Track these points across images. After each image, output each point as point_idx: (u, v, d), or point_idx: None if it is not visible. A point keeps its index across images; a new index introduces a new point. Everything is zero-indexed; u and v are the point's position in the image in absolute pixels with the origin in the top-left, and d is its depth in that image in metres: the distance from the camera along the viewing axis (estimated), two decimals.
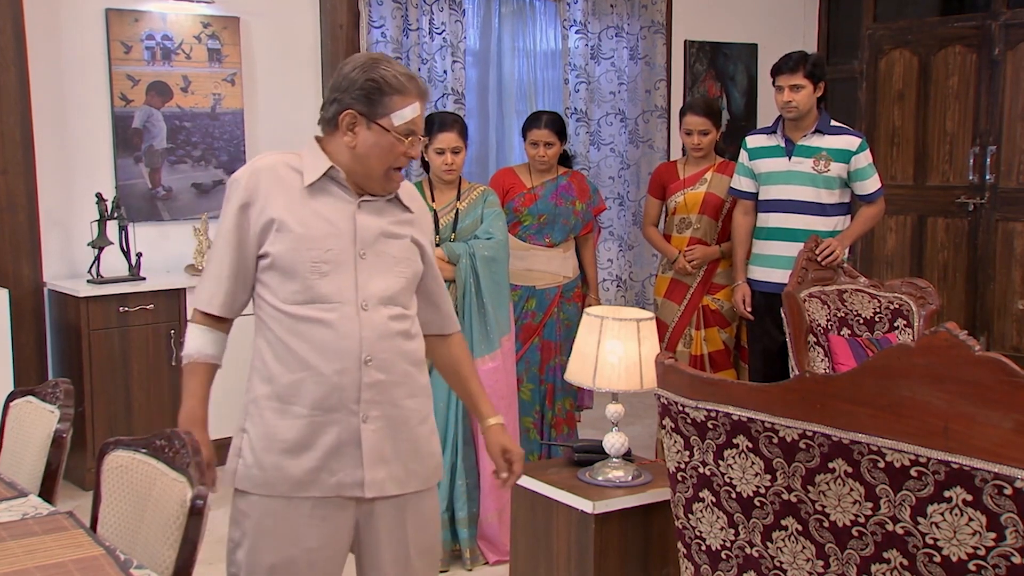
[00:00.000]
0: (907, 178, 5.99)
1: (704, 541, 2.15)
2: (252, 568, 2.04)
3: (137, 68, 4.50)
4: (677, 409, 2.12)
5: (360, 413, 2.02)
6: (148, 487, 2.00)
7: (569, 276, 4.10)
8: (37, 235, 4.28)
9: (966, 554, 1.70)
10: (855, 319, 3.50)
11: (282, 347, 2.01)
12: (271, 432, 2.02)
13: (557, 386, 4.04)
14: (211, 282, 2.07)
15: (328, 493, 2.02)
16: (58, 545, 1.84)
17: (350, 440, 2.02)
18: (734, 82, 6.49)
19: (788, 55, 3.86)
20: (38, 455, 2.35)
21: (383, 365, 2.03)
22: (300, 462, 2.01)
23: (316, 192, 2.04)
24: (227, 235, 2.04)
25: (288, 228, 2.01)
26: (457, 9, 5.18)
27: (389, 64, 2.02)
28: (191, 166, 4.67)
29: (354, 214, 2.05)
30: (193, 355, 2.07)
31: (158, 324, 4.28)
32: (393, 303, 2.07)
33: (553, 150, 3.99)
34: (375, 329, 2.02)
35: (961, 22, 5.86)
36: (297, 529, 2.02)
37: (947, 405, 1.69)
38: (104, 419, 4.17)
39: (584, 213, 4.09)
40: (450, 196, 3.60)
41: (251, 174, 2.05)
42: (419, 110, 2.02)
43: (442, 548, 3.52)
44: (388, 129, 2.00)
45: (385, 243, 2.07)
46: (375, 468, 2.04)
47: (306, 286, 2.00)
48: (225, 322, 2.10)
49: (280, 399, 2.01)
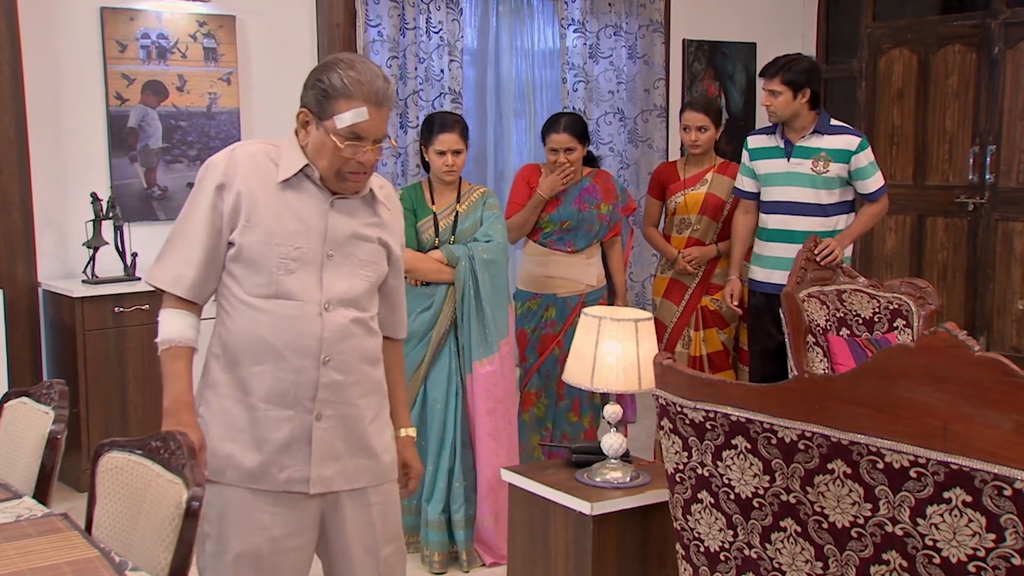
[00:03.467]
0: (906, 178, 5.98)
1: (703, 542, 2.14)
2: (218, 557, 2.07)
3: (132, 67, 4.49)
4: (675, 410, 2.11)
5: (314, 411, 2.04)
6: (143, 488, 1.99)
7: (593, 284, 3.92)
8: (31, 235, 4.27)
9: (966, 555, 1.69)
10: (854, 319, 3.49)
11: (244, 338, 2.03)
12: (229, 419, 2.05)
13: (583, 400, 3.89)
14: (177, 263, 2.05)
15: (277, 488, 2.05)
16: (52, 547, 1.83)
17: (301, 437, 2.05)
18: (733, 81, 6.48)
19: (775, 59, 3.85)
20: (32, 456, 2.34)
21: (341, 366, 2.05)
22: (252, 454, 2.04)
23: (290, 188, 2.04)
24: (201, 216, 2.03)
25: (260, 219, 2.01)
26: (454, 8, 5.16)
27: (347, 66, 1.99)
28: (187, 166, 4.66)
29: (326, 213, 2.05)
30: (175, 339, 2.06)
31: (153, 324, 4.13)
32: (355, 305, 2.08)
33: (575, 155, 3.80)
34: (336, 331, 2.04)
35: (961, 21, 5.85)
36: (259, 518, 2.05)
37: (946, 406, 1.69)
38: (99, 420, 4.15)
39: (610, 215, 3.93)
40: (450, 198, 3.57)
41: (230, 158, 2.05)
42: (366, 115, 1.97)
43: (440, 550, 3.51)
44: (329, 131, 1.99)
45: (354, 245, 2.08)
46: (322, 465, 2.06)
47: (271, 281, 2.01)
48: (196, 307, 2.09)
49: (240, 389, 2.03)
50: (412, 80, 5.05)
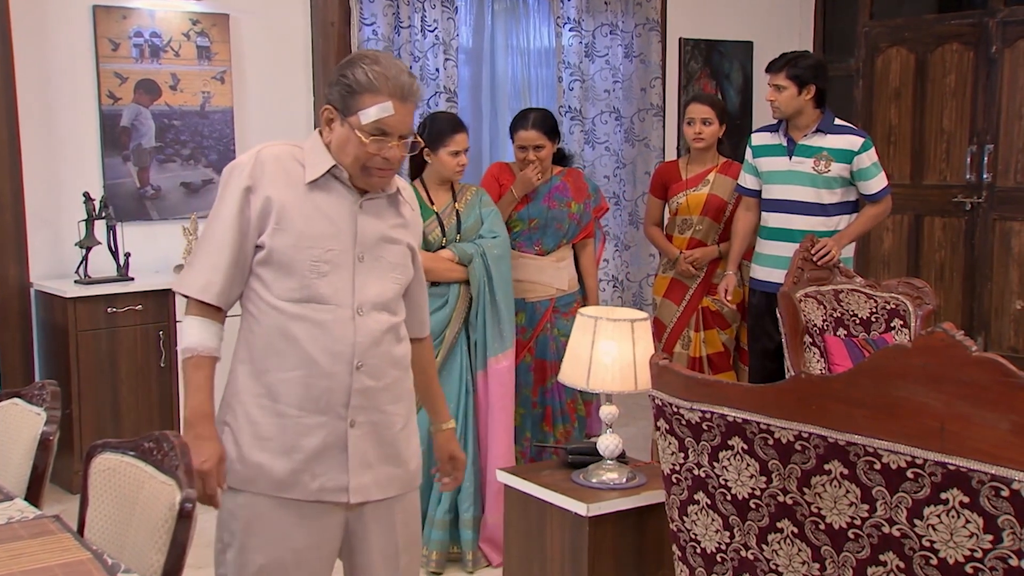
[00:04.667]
0: (904, 177, 5.97)
1: (699, 544, 2.13)
2: (241, 568, 2.03)
3: (125, 66, 4.47)
4: (672, 410, 2.10)
5: (348, 418, 2.01)
6: (136, 490, 1.98)
7: (564, 288, 3.83)
8: (23, 235, 4.24)
9: (963, 556, 1.68)
10: (851, 319, 3.48)
11: (273, 344, 1.99)
12: (256, 428, 2.01)
13: (556, 409, 3.81)
14: (206, 269, 2.00)
15: (309, 498, 2.01)
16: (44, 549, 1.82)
17: (335, 444, 2.01)
18: (729, 80, 6.47)
19: (781, 54, 3.85)
20: (24, 458, 2.33)
21: (373, 371, 2.02)
22: (283, 462, 1.99)
23: (318, 188, 2.01)
24: (229, 219, 1.99)
25: (290, 222, 1.98)
26: (449, 6, 5.15)
27: (372, 62, 1.97)
28: (180, 165, 4.64)
29: (355, 215, 2.03)
30: (197, 348, 2.01)
31: (146, 325, 4.24)
32: (386, 309, 2.06)
33: (544, 152, 3.73)
34: (369, 335, 2.01)
35: (958, 20, 5.84)
36: (285, 529, 2.02)
37: (944, 406, 1.68)
38: (92, 421, 4.13)
39: (581, 215, 3.84)
40: (447, 198, 3.55)
41: (256, 160, 2.01)
42: (391, 110, 1.95)
43: (440, 549, 3.49)
44: (354, 127, 1.97)
45: (383, 248, 2.06)
46: (360, 473, 2.03)
47: (304, 284, 1.98)
48: (220, 313, 2.04)
49: (268, 396, 2.00)
50: None
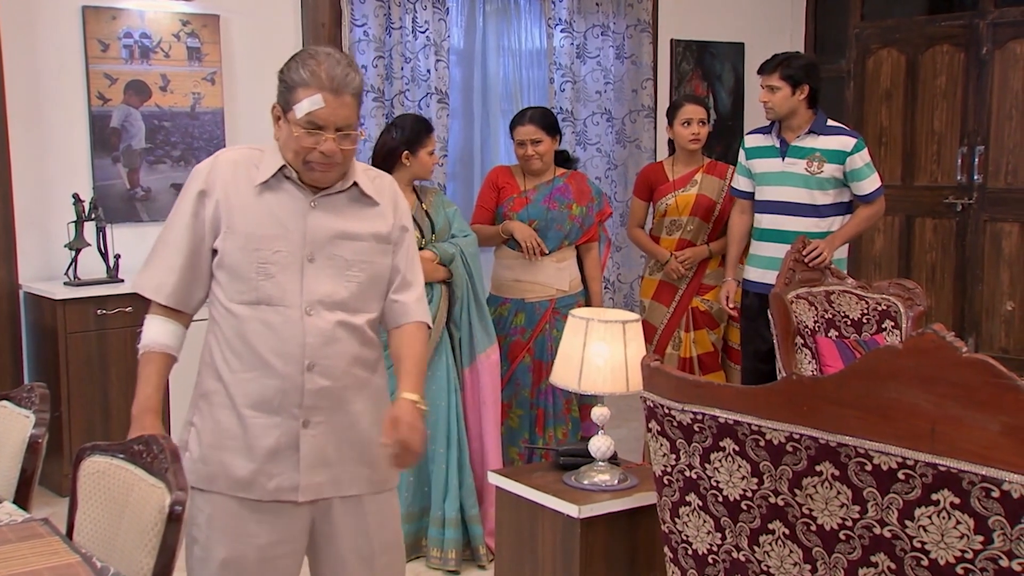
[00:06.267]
0: (895, 178, 5.98)
1: (691, 545, 2.13)
2: (204, 562, 2.06)
3: (115, 67, 4.45)
4: (663, 412, 2.09)
5: (301, 418, 2.02)
6: (125, 493, 1.98)
7: (564, 289, 3.82)
8: (12, 236, 4.22)
9: (954, 557, 1.68)
10: (842, 321, 3.48)
11: (229, 346, 2.02)
12: (218, 429, 2.04)
13: (548, 412, 3.80)
14: (160, 270, 2.05)
15: (266, 498, 2.04)
16: (33, 552, 1.81)
17: (289, 444, 2.03)
18: (721, 81, 6.48)
19: (775, 55, 3.85)
20: (13, 461, 2.32)
21: (328, 371, 2.03)
22: (242, 462, 2.02)
23: (269, 190, 2.03)
24: (183, 223, 2.04)
25: (238, 225, 2.01)
26: (440, 7, 5.14)
27: (309, 57, 1.98)
28: (170, 166, 4.62)
29: (306, 213, 2.03)
30: (149, 344, 2.06)
31: (136, 327, 4.12)
32: (342, 308, 2.04)
33: (542, 147, 3.74)
34: (320, 335, 2.01)
35: (949, 21, 5.86)
36: (247, 526, 2.04)
37: (934, 407, 1.68)
38: (81, 424, 4.12)
39: (583, 218, 3.83)
40: (413, 199, 3.54)
41: (213, 164, 2.06)
42: (321, 103, 1.94)
43: (456, 547, 3.47)
44: (291, 122, 1.99)
45: (338, 245, 2.05)
46: (312, 472, 2.04)
47: (252, 287, 2.00)
48: (182, 315, 2.08)
49: (228, 397, 2.03)
50: (398, 80, 5.02)
